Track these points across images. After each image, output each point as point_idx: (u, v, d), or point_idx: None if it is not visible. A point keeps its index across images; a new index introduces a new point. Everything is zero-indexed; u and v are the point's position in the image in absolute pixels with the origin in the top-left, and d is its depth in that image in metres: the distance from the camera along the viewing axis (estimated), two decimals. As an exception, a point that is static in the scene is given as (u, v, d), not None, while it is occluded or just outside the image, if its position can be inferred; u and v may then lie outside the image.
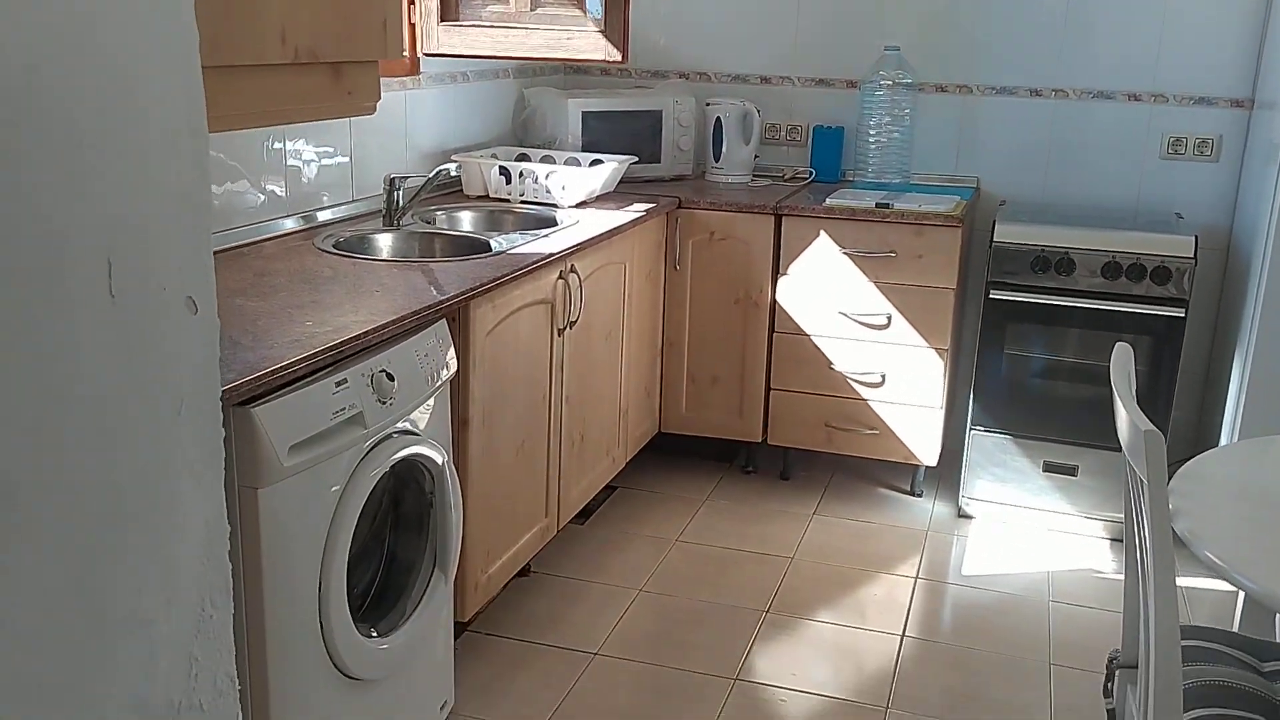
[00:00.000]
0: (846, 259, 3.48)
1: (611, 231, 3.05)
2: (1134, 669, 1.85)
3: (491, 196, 3.36)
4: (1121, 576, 2.58)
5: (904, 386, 3.53)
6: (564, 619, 2.89)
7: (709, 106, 3.87)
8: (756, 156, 3.91)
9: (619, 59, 3.23)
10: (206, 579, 1.11)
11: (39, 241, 0.88)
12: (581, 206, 3.30)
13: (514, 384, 2.64)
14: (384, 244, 2.84)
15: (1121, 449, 1.68)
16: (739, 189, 3.79)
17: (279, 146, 2.71)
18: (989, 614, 3.02)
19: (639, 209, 3.31)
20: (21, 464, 0.91)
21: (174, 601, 1.06)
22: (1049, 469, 3.45)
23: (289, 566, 1.81)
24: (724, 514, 3.55)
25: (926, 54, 3.84)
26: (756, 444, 3.75)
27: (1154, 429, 1.49)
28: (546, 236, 2.87)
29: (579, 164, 3.46)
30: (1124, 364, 1.79)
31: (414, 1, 3.16)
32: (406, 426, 2.10)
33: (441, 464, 2.19)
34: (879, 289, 3.47)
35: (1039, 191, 3.85)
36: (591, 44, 3.19)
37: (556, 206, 3.27)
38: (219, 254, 2.49)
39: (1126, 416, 1.60)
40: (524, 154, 3.56)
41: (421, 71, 3.29)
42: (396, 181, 2.90)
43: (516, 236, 2.86)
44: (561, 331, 2.85)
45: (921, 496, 3.71)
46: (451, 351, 2.27)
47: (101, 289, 0.91)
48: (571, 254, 2.81)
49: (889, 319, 3.49)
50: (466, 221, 3.21)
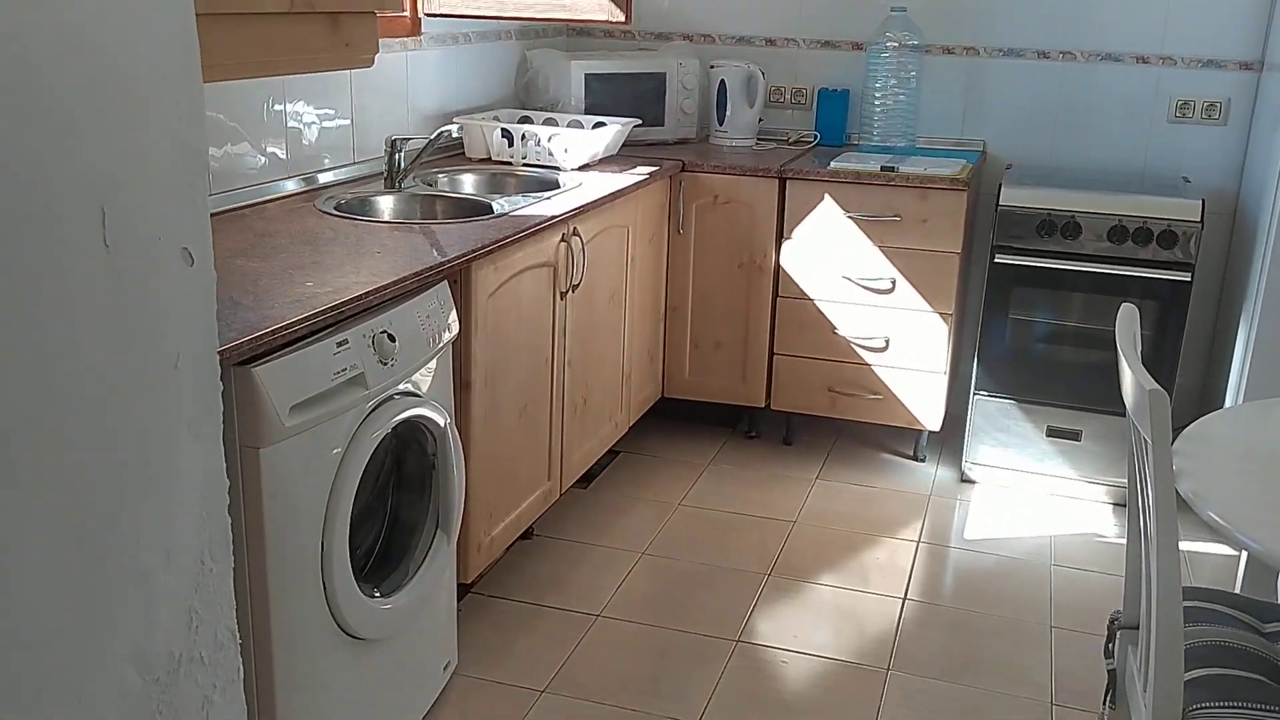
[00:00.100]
0: (851, 223, 3.46)
1: (614, 194, 3.03)
2: (1135, 630, 1.85)
3: (493, 159, 3.34)
4: (1124, 541, 2.58)
5: (908, 351, 3.52)
6: (567, 581, 2.90)
7: (713, 69, 3.84)
8: (761, 120, 3.88)
9: (622, 20, 3.19)
10: (206, 533, 1.10)
11: (30, 188, 0.87)
12: (584, 169, 3.28)
13: (516, 347, 2.64)
14: (385, 206, 2.82)
15: (1125, 414, 1.67)
16: (743, 152, 3.76)
17: (279, 108, 2.69)
18: (991, 577, 3.02)
19: (642, 172, 3.29)
20: (16, 415, 0.90)
21: (173, 554, 1.06)
22: (1052, 434, 3.45)
23: (291, 526, 1.81)
24: (727, 479, 3.55)
25: (933, 15, 3.80)
26: (759, 409, 3.75)
27: (1158, 387, 1.48)
28: (549, 199, 2.85)
29: (582, 126, 3.43)
30: (1129, 324, 1.78)
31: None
32: (408, 388, 2.10)
33: (444, 426, 2.19)
34: (883, 253, 3.46)
35: (1046, 155, 3.82)
36: (594, 4, 3.16)
37: (559, 169, 3.25)
38: (219, 216, 2.48)
39: (1131, 376, 1.59)
40: (526, 116, 3.53)
41: (423, 32, 3.26)
42: (398, 143, 2.88)
43: (519, 199, 2.85)
44: (564, 295, 2.84)
45: (924, 461, 3.70)
46: (453, 314, 2.26)
47: (95, 238, 0.90)
48: (574, 217, 2.80)
49: (893, 283, 3.47)
50: (468, 184, 3.19)
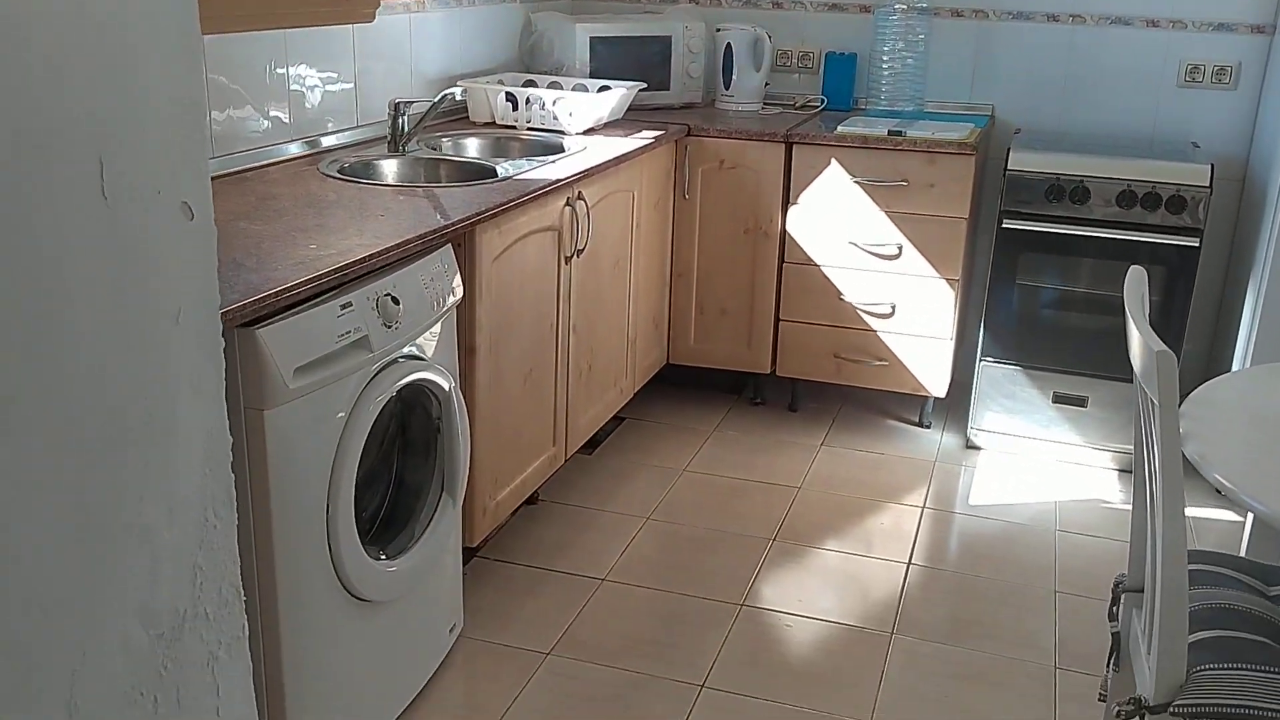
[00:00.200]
0: (858, 188, 3.44)
1: (619, 158, 3.01)
2: (1140, 593, 1.85)
3: (498, 123, 3.32)
4: (1129, 507, 2.57)
5: (914, 317, 3.50)
6: (572, 546, 2.90)
7: (719, 32, 3.80)
8: (767, 84, 3.85)
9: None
10: (208, 489, 1.10)
11: (28, 135, 0.86)
12: (589, 134, 3.26)
13: (521, 312, 2.63)
14: (389, 170, 2.81)
15: (1131, 380, 1.66)
16: (749, 117, 3.73)
17: (281, 71, 2.67)
18: (995, 543, 3.03)
19: (647, 136, 3.27)
20: (14, 368, 0.90)
21: (176, 511, 1.06)
22: (1058, 400, 3.44)
23: (297, 488, 1.81)
24: (732, 445, 3.55)
25: (942, -22, 3.76)
26: (765, 375, 3.74)
27: (1166, 349, 1.47)
28: (553, 163, 2.84)
29: (587, 90, 3.40)
30: (1138, 286, 1.76)
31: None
32: (413, 352, 2.09)
33: (448, 390, 2.19)
34: (890, 219, 3.44)
35: (1055, 120, 3.79)
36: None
37: (563, 133, 3.22)
38: (222, 179, 2.47)
39: (1139, 338, 1.58)
40: (531, 80, 3.50)
41: (426, -5, 3.23)
42: (401, 107, 2.86)
43: (523, 163, 2.83)
44: (569, 260, 2.83)
45: (930, 428, 3.70)
46: (457, 277, 2.25)
47: (93, 190, 0.90)
48: (579, 180, 2.78)
49: (900, 249, 3.45)
50: (472, 148, 3.17)
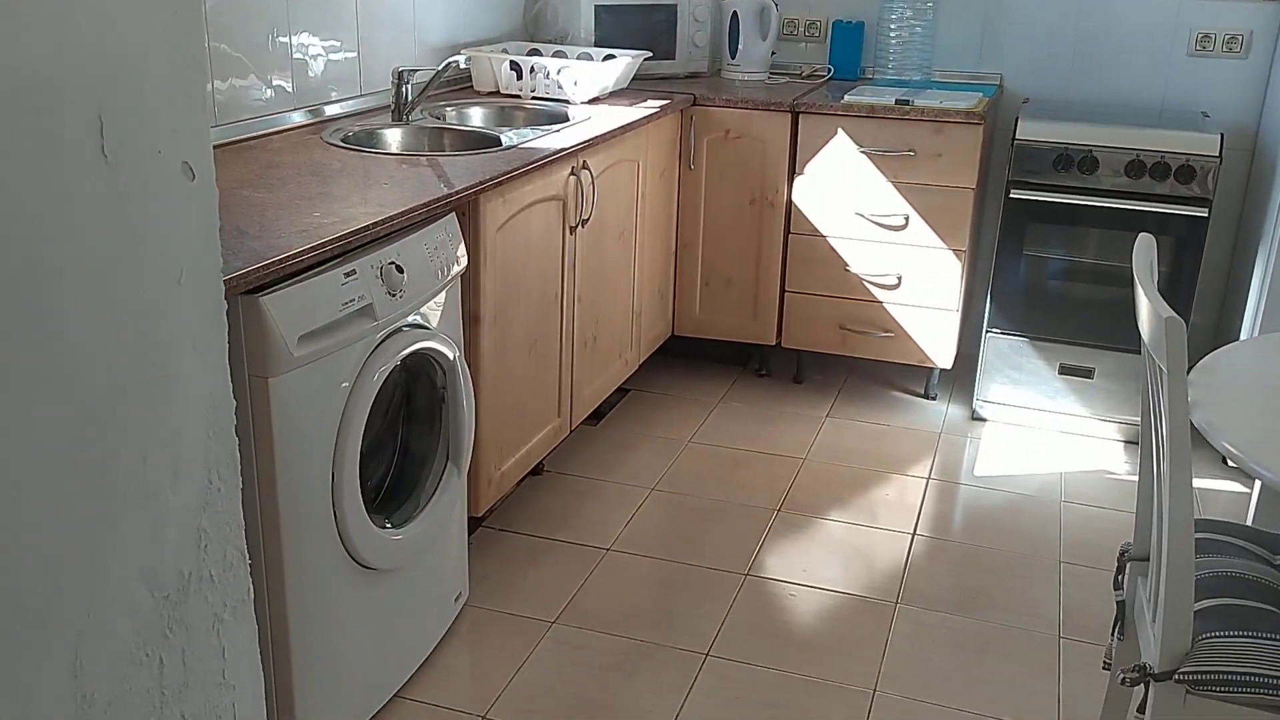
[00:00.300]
0: (864, 158, 3.42)
1: (624, 128, 2.99)
2: (1145, 561, 1.85)
3: (502, 92, 3.30)
4: (1135, 478, 2.57)
5: (920, 289, 3.49)
6: (577, 516, 2.91)
7: (725, 1, 3.77)
8: (773, 53, 3.82)
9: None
10: (212, 452, 1.10)
11: (26, 92, 0.85)
12: (594, 103, 3.24)
13: (525, 282, 2.62)
14: (392, 139, 2.79)
15: (1138, 351, 1.65)
16: (755, 86, 3.71)
17: (284, 40, 2.65)
18: (1000, 513, 3.02)
19: (653, 106, 3.24)
20: (13, 325, 0.89)
21: (180, 473, 1.05)
22: (1065, 371, 3.43)
23: (302, 456, 1.81)
24: (737, 417, 3.55)
25: (950, -55, 3.72)
26: (770, 347, 3.73)
27: (1175, 315, 1.46)
28: (558, 132, 2.82)
29: (591, 59, 3.38)
30: (1146, 253, 1.75)
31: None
32: (417, 320, 2.09)
33: (453, 359, 2.18)
34: (897, 189, 3.41)
35: (1063, 89, 3.76)
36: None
37: (568, 103, 3.20)
38: (225, 147, 2.46)
39: (1148, 305, 1.57)
40: (535, 49, 3.48)
41: (430, -38, 3.20)
42: (405, 75, 2.84)
43: (527, 132, 2.81)
44: (573, 229, 2.82)
45: (935, 400, 3.69)
46: (462, 246, 2.24)
47: (94, 148, 0.89)
48: (583, 150, 2.77)
49: (906, 220, 3.43)
50: (476, 117, 3.16)
